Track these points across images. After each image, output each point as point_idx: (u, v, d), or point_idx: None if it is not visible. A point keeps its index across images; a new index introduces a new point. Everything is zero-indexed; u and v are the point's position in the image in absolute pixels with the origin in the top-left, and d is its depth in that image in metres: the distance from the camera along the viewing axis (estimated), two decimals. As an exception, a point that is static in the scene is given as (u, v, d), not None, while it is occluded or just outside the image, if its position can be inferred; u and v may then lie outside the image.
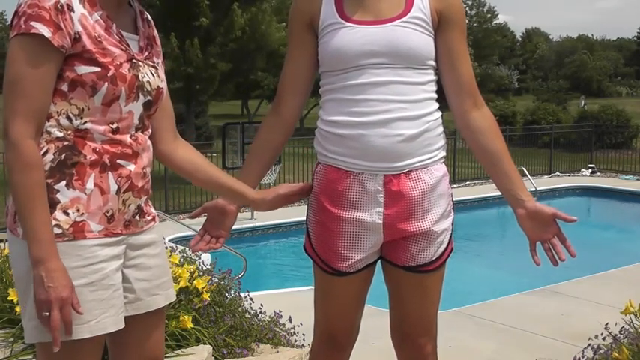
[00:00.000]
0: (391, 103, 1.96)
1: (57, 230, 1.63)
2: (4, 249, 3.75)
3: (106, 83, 1.66)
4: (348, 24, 1.98)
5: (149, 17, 1.90)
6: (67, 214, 1.65)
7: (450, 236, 2.11)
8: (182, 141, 2.01)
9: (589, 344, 3.14)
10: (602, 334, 3.16)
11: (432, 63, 2.03)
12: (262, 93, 32.13)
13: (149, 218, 1.86)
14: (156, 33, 1.91)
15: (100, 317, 1.68)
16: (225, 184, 2.02)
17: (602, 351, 3.05)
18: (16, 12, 1.63)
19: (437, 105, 2.06)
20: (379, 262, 2.15)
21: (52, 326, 1.57)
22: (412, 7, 1.98)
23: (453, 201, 2.14)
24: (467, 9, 51.14)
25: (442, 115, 2.08)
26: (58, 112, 1.66)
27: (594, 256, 8.18)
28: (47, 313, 1.57)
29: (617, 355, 2.82)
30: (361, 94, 1.97)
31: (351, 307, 2.16)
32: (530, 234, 2.05)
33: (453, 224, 2.13)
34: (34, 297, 1.60)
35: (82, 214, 1.67)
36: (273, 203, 2.10)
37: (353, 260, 2.05)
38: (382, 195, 2.00)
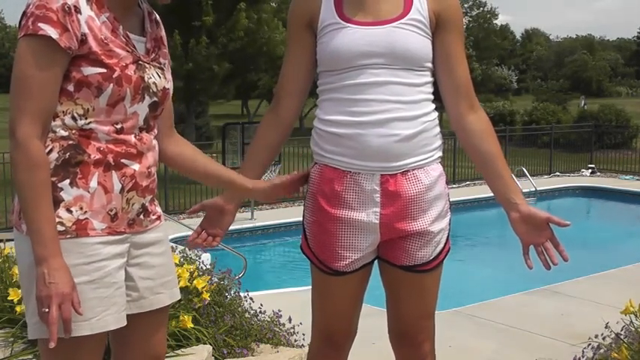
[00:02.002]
0: (388, 104, 1.97)
1: (60, 228, 1.65)
2: (4, 249, 3.75)
3: (111, 84, 1.67)
4: (347, 25, 1.98)
5: (158, 18, 1.91)
6: (70, 212, 1.67)
7: (447, 236, 2.12)
8: (179, 137, 2.02)
9: (589, 344, 3.14)
10: (602, 334, 3.16)
11: (429, 65, 2.04)
12: (262, 93, 32.14)
13: (154, 217, 1.87)
14: (164, 34, 1.92)
15: (102, 315, 1.69)
16: (222, 175, 2.04)
17: (602, 351, 3.05)
18: (24, 13, 1.64)
19: (433, 106, 2.07)
20: (376, 262, 2.15)
21: (50, 322, 1.57)
22: (411, 9, 1.99)
23: (449, 201, 2.14)
24: (467, 9, 51.09)
25: (441, 116, 2.09)
26: (63, 111, 1.67)
27: (594, 256, 8.19)
28: (47, 310, 1.58)
29: (616, 355, 2.82)
30: (359, 94, 1.97)
31: (349, 307, 2.16)
32: (524, 238, 2.05)
33: (450, 224, 2.14)
34: (36, 294, 1.60)
35: (85, 212, 1.68)
36: (269, 192, 2.10)
37: (350, 260, 2.05)
38: (379, 195, 2.00)
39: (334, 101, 2.02)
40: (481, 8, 53.18)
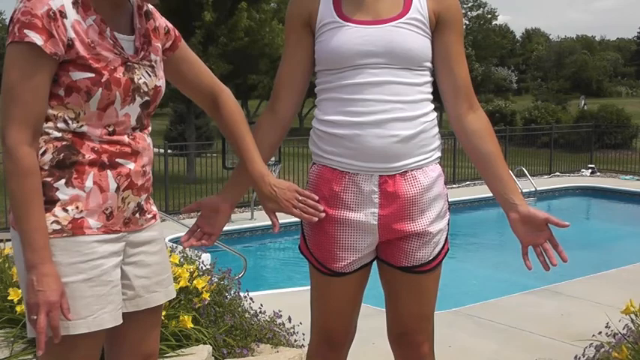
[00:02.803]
0: (387, 104, 1.96)
1: (56, 226, 1.65)
2: (4, 249, 3.75)
3: (100, 89, 1.68)
4: (345, 23, 1.98)
5: (150, 8, 1.88)
6: (66, 211, 1.67)
7: (446, 237, 2.12)
8: (226, 92, 2.02)
9: (591, 343, 3.14)
10: (606, 333, 3.16)
11: (429, 64, 2.03)
12: (262, 93, 32.13)
13: (149, 216, 1.87)
14: (159, 23, 1.89)
15: (98, 313, 1.70)
16: (246, 167, 1.98)
17: (603, 350, 3.05)
18: (11, 19, 1.65)
19: (432, 106, 2.06)
20: (375, 262, 2.15)
21: (38, 330, 1.59)
22: (410, 8, 1.99)
23: (448, 201, 2.14)
24: (467, 10, 51.05)
25: (440, 116, 2.08)
26: (55, 115, 1.68)
27: (594, 256, 8.19)
28: (35, 317, 1.59)
29: (617, 354, 2.82)
30: (358, 93, 1.97)
31: (347, 307, 2.16)
32: (523, 238, 2.05)
33: (448, 225, 2.13)
34: (25, 300, 1.62)
35: (81, 211, 1.69)
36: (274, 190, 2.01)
37: (348, 261, 2.05)
38: (377, 195, 2.00)
39: (333, 101, 2.02)
40: (481, 9, 53.15)
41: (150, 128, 1.87)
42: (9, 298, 3.18)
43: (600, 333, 3.22)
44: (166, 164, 10.80)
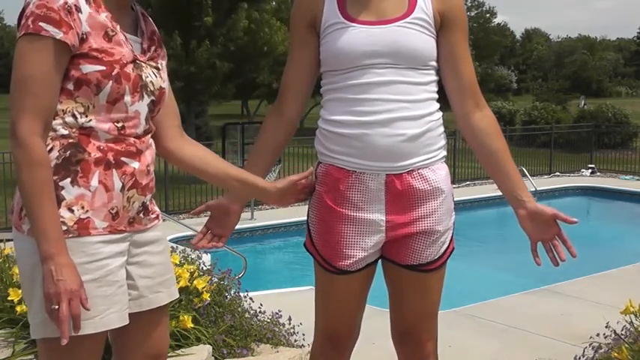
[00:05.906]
0: (393, 103, 1.96)
1: (62, 227, 1.64)
2: (4, 249, 3.75)
3: (110, 82, 1.69)
4: (350, 24, 1.98)
5: (151, 20, 1.92)
6: (72, 211, 1.67)
7: (452, 236, 2.12)
8: (188, 138, 2.02)
9: (590, 343, 3.14)
10: (604, 333, 3.16)
11: (434, 64, 2.04)
12: (262, 93, 32.11)
13: (153, 216, 1.88)
14: (158, 34, 1.93)
15: (105, 313, 1.70)
16: (237, 177, 2.02)
17: (602, 350, 3.05)
18: (24, 12, 1.65)
19: (438, 105, 2.07)
20: (380, 261, 2.15)
21: (61, 319, 1.58)
22: (415, 8, 1.99)
23: (454, 201, 2.14)
24: (466, 11, 51.04)
25: (442, 115, 2.09)
26: (63, 110, 1.68)
27: (594, 256, 8.17)
28: (56, 307, 1.58)
29: (617, 354, 2.82)
30: (364, 93, 1.97)
31: (352, 307, 2.16)
32: (532, 234, 2.06)
33: (454, 224, 2.13)
34: (43, 291, 1.60)
35: (87, 210, 1.69)
36: (283, 192, 2.08)
37: (355, 259, 2.05)
38: (384, 194, 2.00)
39: (339, 101, 2.02)
40: (480, 8, 53.10)
41: (153, 130, 1.87)
42: (9, 298, 3.18)
43: (598, 335, 3.22)
44: (166, 164, 10.79)
